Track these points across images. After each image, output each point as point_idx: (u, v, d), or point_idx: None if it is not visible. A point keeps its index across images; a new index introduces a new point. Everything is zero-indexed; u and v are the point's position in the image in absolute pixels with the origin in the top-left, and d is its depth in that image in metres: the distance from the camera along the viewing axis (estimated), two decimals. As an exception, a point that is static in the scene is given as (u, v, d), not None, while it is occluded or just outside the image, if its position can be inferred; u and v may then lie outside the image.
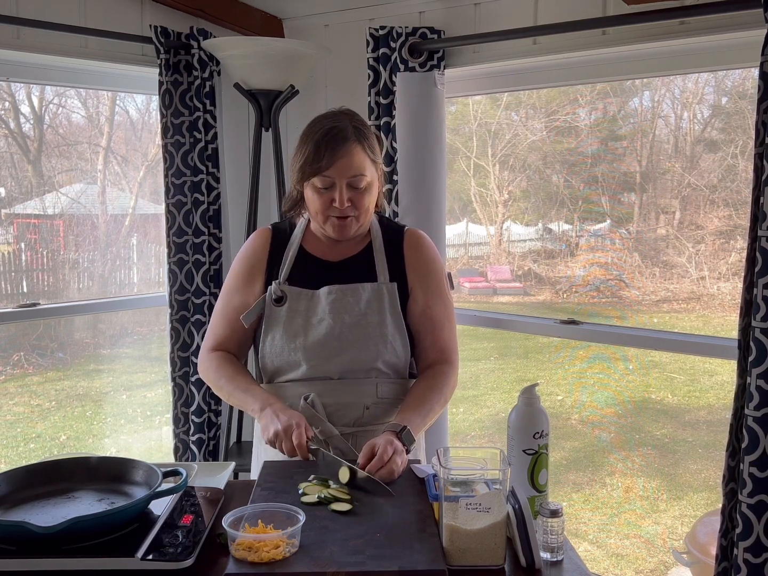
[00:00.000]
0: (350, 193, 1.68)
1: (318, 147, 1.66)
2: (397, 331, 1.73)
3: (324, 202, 1.69)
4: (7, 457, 4.21)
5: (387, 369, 1.74)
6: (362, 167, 1.68)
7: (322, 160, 1.65)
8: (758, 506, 1.67)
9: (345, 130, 1.68)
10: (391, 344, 1.72)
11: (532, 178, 5.36)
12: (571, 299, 5.48)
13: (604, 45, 2.19)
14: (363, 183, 1.69)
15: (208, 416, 2.74)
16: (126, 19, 2.56)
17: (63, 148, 4.12)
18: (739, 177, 4.43)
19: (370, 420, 1.72)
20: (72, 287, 4.15)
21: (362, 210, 1.71)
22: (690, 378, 5.25)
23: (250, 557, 1.16)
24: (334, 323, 1.70)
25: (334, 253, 1.79)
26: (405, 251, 1.79)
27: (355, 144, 1.67)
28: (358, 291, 1.73)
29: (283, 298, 1.73)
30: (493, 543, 1.21)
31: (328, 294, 1.73)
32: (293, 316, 1.73)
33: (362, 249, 1.79)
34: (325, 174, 1.66)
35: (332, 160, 1.65)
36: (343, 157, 1.66)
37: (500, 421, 5.05)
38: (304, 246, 1.81)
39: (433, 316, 1.77)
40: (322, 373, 1.71)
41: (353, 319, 1.71)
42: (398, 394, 1.75)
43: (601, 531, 3.92)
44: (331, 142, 1.66)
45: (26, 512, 1.30)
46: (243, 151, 2.94)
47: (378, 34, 2.43)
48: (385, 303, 1.73)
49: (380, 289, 1.73)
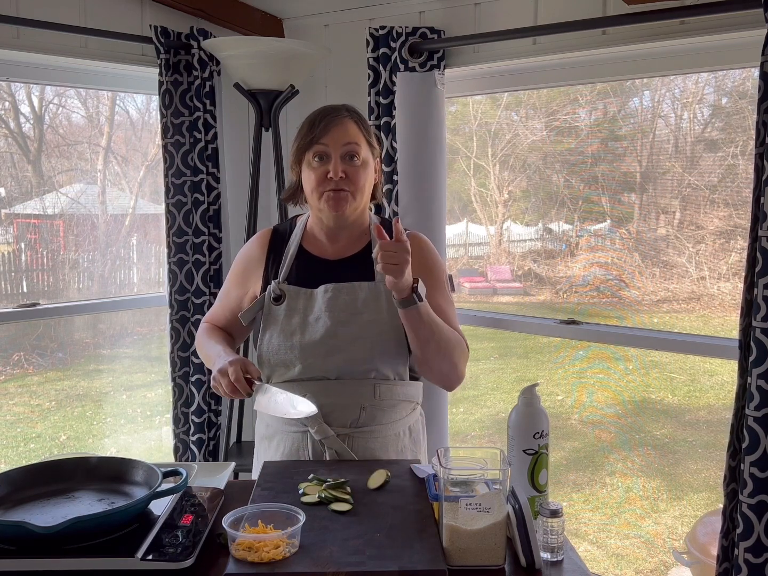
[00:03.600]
0: (345, 165, 1.70)
1: (312, 122, 1.72)
2: (393, 330, 1.71)
3: (319, 176, 1.70)
4: (7, 457, 4.21)
5: (385, 369, 1.72)
6: (356, 137, 1.72)
7: (315, 130, 1.70)
8: (759, 506, 1.67)
9: (339, 108, 1.75)
10: (387, 343, 1.71)
11: (532, 178, 5.36)
12: (571, 299, 5.48)
13: (604, 45, 2.19)
14: (358, 156, 1.71)
15: (208, 416, 2.74)
16: (126, 19, 2.56)
17: (63, 148, 4.11)
18: (740, 177, 4.43)
19: (366, 421, 1.71)
20: (72, 287, 4.15)
21: (358, 186, 1.72)
22: (690, 378, 5.24)
23: (250, 557, 1.16)
24: (330, 322, 1.70)
25: (333, 252, 1.80)
26: None
27: (348, 119, 1.73)
28: (355, 289, 1.73)
29: (281, 296, 1.74)
30: (493, 543, 1.21)
31: (324, 292, 1.73)
32: (291, 314, 1.73)
33: (361, 249, 1.80)
34: (321, 142, 1.69)
35: (326, 129, 1.70)
36: (337, 125, 1.70)
37: (500, 421, 5.05)
38: (303, 245, 1.82)
39: (436, 306, 1.75)
40: (318, 373, 1.71)
41: (349, 318, 1.70)
42: (397, 397, 1.74)
43: (601, 531, 3.92)
44: (325, 115, 1.72)
45: (26, 512, 1.30)
46: (243, 151, 2.94)
47: (378, 34, 2.43)
48: (382, 302, 1.72)
49: (377, 288, 1.73)
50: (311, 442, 1.69)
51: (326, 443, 1.67)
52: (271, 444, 1.77)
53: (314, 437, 1.67)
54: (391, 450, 1.74)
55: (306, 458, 1.69)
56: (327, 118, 1.71)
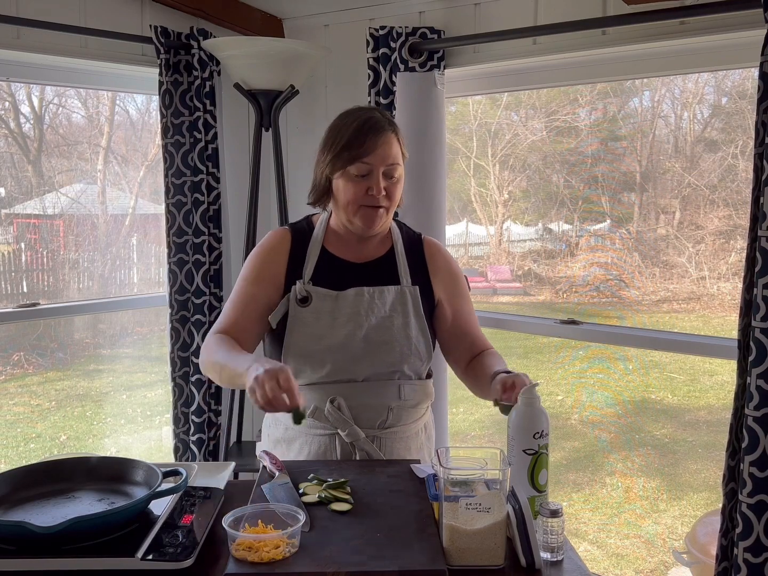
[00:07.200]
0: (385, 182, 1.68)
1: (359, 133, 1.66)
2: (421, 333, 1.74)
3: (358, 191, 1.67)
4: (7, 457, 4.21)
5: (410, 371, 1.74)
6: (398, 157, 1.70)
7: (362, 146, 1.65)
8: (758, 506, 1.67)
9: (382, 121, 1.70)
10: (415, 346, 1.73)
11: (532, 178, 5.36)
12: (571, 299, 5.48)
13: (604, 45, 2.19)
14: (397, 173, 1.70)
15: (208, 416, 2.74)
16: (126, 19, 2.56)
17: (63, 148, 4.11)
18: (739, 177, 4.43)
19: (393, 422, 1.72)
20: (72, 287, 4.15)
21: (394, 202, 1.72)
22: (690, 378, 5.25)
23: (250, 557, 1.16)
24: (359, 325, 1.70)
25: (357, 255, 1.78)
26: (427, 258, 1.81)
27: (392, 134, 1.70)
28: (383, 293, 1.73)
29: (308, 298, 1.71)
30: (493, 543, 1.21)
31: (355, 295, 1.71)
32: (318, 317, 1.71)
33: (385, 252, 1.79)
34: (365, 160, 1.66)
35: (373, 146, 1.66)
36: (384, 144, 1.67)
37: (500, 421, 5.04)
38: (326, 247, 1.78)
39: (467, 318, 1.79)
40: (346, 375, 1.70)
41: (378, 321, 1.70)
42: (419, 396, 1.76)
43: (601, 531, 3.92)
44: (372, 129, 1.67)
45: (26, 512, 1.30)
46: (243, 151, 2.94)
47: (378, 34, 2.43)
48: (409, 305, 1.73)
49: (404, 292, 1.74)
50: (340, 444, 1.69)
51: (357, 445, 1.68)
52: (291, 446, 1.75)
53: (344, 440, 1.67)
54: (413, 449, 1.76)
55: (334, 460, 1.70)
56: (372, 134, 1.66)
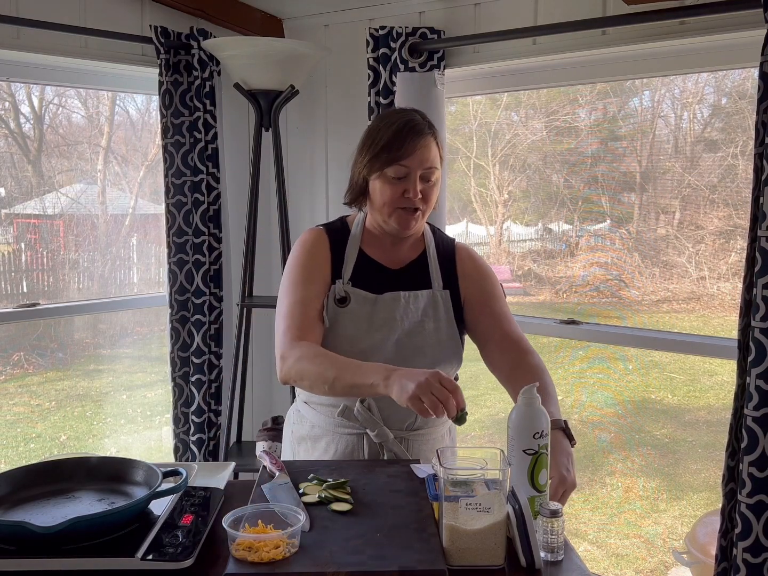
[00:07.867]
0: (422, 185, 1.68)
1: (398, 136, 1.67)
2: (452, 338, 1.75)
3: (395, 193, 1.68)
4: (7, 457, 4.21)
5: None
6: (436, 161, 1.70)
7: (402, 148, 1.66)
8: (757, 506, 1.67)
9: (422, 123, 1.71)
10: (446, 351, 1.74)
11: (532, 178, 5.36)
12: (571, 299, 5.48)
13: (604, 45, 2.19)
14: (434, 177, 1.70)
15: (208, 416, 2.74)
16: (126, 19, 2.57)
17: (63, 148, 4.11)
18: (739, 177, 4.43)
19: (420, 425, 1.73)
20: (72, 287, 4.14)
21: (429, 205, 1.72)
22: (690, 378, 5.24)
23: (250, 557, 1.16)
24: (393, 329, 1.71)
25: (393, 259, 1.79)
26: (458, 263, 1.81)
27: (431, 138, 1.70)
28: (417, 298, 1.74)
29: (347, 299, 1.72)
30: (493, 543, 1.21)
31: (392, 300, 1.73)
32: (355, 319, 1.71)
33: (418, 255, 1.80)
34: (403, 163, 1.66)
35: (412, 149, 1.66)
36: (423, 147, 1.67)
37: (500, 421, 5.05)
38: (363, 248, 1.79)
39: (497, 312, 1.76)
40: None
41: (411, 326, 1.72)
42: None
43: (601, 531, 3.92)
44: (411, 132, 1.67)
45: (26, 512, 1.30)
46: (243, 151, 2.94)
47: (378, 34, 2.43)
48: (441, 310, 1.75)
49: (435, 296, 1.75)
50: (368, 444, 1.70)
51: (385, 446, 1.69)
52: (317, 445, 1.76)
53: (373, 440, 1.68)
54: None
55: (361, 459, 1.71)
56: (411, 137, 1.67)
